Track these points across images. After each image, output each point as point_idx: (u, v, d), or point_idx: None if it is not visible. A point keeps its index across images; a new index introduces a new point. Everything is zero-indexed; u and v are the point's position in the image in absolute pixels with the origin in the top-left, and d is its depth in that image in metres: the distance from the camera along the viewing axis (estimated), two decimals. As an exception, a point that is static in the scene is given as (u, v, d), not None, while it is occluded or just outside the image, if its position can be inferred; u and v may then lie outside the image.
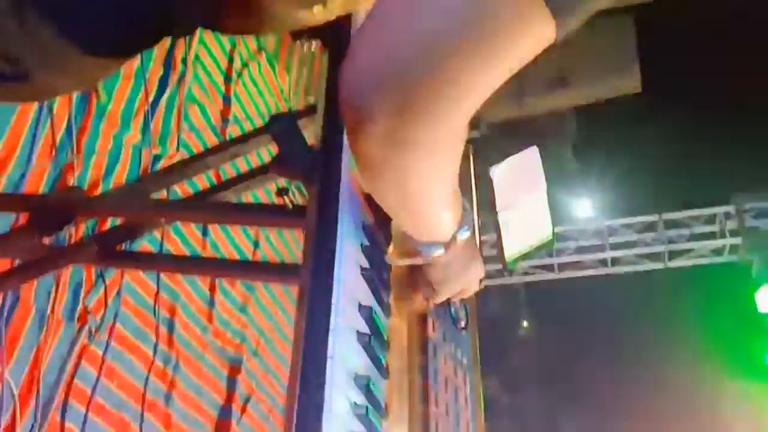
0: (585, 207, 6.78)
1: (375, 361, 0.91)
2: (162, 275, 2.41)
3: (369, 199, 1.02)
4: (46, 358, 1.83)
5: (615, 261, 6.30)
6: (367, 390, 0.84)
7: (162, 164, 2.50)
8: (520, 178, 1.53)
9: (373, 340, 0.90)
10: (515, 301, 7.04)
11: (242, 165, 2.33)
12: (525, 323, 7.21)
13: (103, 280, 2.12)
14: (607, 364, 5.81)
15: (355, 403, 0.80)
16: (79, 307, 2.02)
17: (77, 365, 1.95)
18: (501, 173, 1.47)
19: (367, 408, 0.81)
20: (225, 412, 2.69)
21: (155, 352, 2.32)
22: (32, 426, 1.74)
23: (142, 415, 2.17)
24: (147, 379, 2.24)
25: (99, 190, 2.18)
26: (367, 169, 0.80)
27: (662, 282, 6.31)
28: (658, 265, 6.19)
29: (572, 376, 6.06)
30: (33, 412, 1.76)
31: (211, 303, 2.75)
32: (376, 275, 0.99)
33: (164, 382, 2.35)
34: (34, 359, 1.79)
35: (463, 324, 1.24)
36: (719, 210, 6.19)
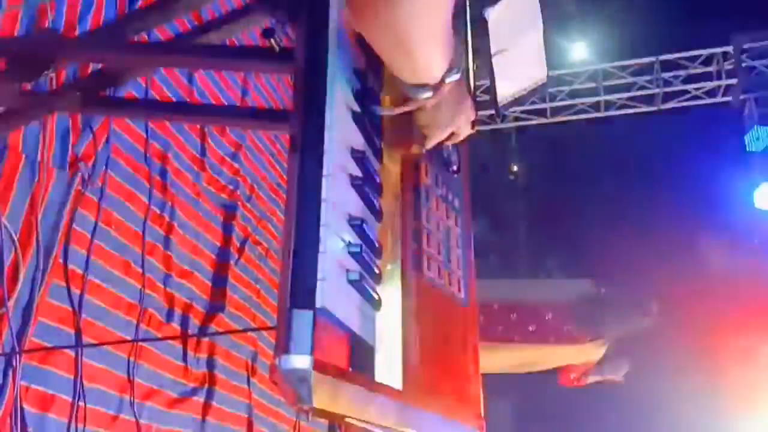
0: (580, 50, 6.60)
1: (368, 203, 0.93)
2: (150, 123, 2.38)
3: (360, 41, 0.98)
4: (41, 206, 1.86)
5: (608, 105, 6.25)
6: (360, 231, 0.86)
7: (139, 5, 2.37)
8: (516, 20, 1.46)
9: (366, 184, 0.91)
10: (506, 146, 7.08)
11: (224, 5, 2.22)
12: (515, 167, 7.30)
13: (91, 128, 2.09)
14: (595, 206, 5.97)
15: (350, 243, 0.83)
16: (69, 154, 2.01)
17: (74, 211, 1.98)
18: (496, 14, 1.41)
19: (361, 247, 0.83)
20: (223, 254, 2.79)
21: (150, 198, 2.35)
22: (35, 269, 1.80)
23: (143, 257, 2.25)
24: (144, 224, 2.29)
25: (75, 35, 2.09)
26: (357, 2, 0.76)
27: (655, 126, 6.32)
28: (651, 108, 6.16)
29: (559, 217, 6.25)
30: (35, 256, 1.81)
31: (202, 151, 2.74)
32: (368, 120, 0.98)
33: (162, 227, 2.41)
34: (29, 206, 1.82)
35: (455, 167, 1.25)
36: (717, 50, 6.05)
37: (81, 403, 1.90)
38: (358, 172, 0.90)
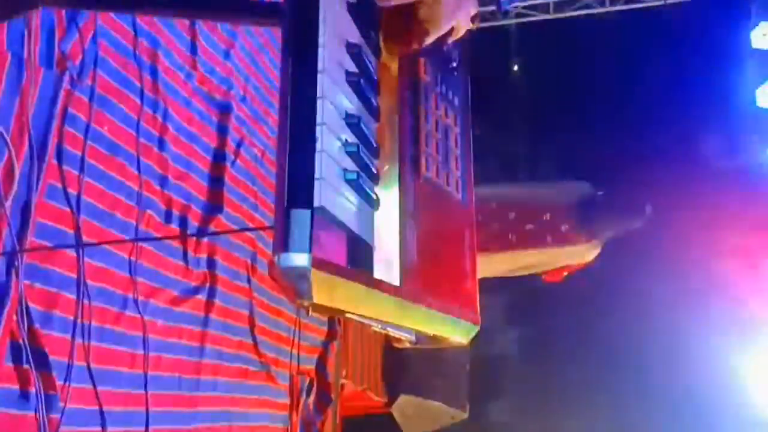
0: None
1: (365, 101, 0.90)
2: (138, 19, 2.28)
3: (355, -76, 0.92)
4: (31, 105, 1.81)
5: None
6: (357, 129, 0.84)
7: None
8: None
9: (363, 81, 0.88)
10: (507, 43, 6.88)
11: None
12: (516, 66, 7.12)
13: (77, 25, 2.01)
14: (597, 105, 5.88)
15: (347, 142, 0.81)
16: (56, 52, 1.95)
17: (65, 111, 1.94)
18: None
19: (358, 146, 0.82)
20: (218, 156, 2.76)
21: (142, 98, 2.30)
22: (30, 170, 1.79)
23: (138, 158, 2.23)
24: (138, 124, 2.26)
25: None
26: None
27: (659, 22, 6.12)
28: (658, 3, 5.95)
29: (560, 118, 6.17)
30: (28, 156, 1.79)
31: (194, 49, 2.66)
32: (365, 11, 0.94)
33: (155, 128, 2.37)
34: (19, 106, 1.77)
35: (455, 65, 1.21)
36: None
37: (86, 301, 1.94)
38: (354, 68, 0.88)
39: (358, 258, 0.82)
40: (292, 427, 3.03)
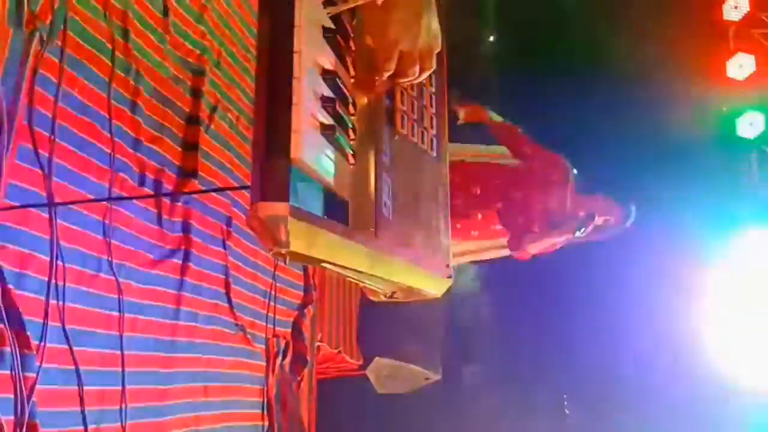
0: None
1: (342, 58, 0.92)
2: (108, -21, 2.24)
3: None
4: (1, 66, 1.79)
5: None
6: (334, 84, 0.86)
7: None
8: None
9: (340, 37, 0.90)
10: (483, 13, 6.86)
11: None
12: (491, 37, 7.11)
13: (44, -16, 1.97)
14: (570, 81, 5.86)
15: (323, 96, 0.83)
16: (25, 12, 1.91)
17: (35, 72, 1.91)
18: None
19: (334, 101, 0.84)
20: (192, 120, 2.74)
21: (113, 61, 2.27)
22: (2, 132, 1.77)
23: (110, 121, 2.21)
24: (109, 87, 2.23)
25: None
26: None
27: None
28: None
29: (533, 89, 6.18)
30: (-1, 116, 1.77)
31: (165, 12, 2.62)
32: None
33: (127, 91, 2.34)
34: (-12, 64, 1.75)
35: None
36: None
37: (59, 262, 1.94)
38: (330, 24, 0.89)
39: (334, 210, 0.85)
40: (269, 388, 3.07)
